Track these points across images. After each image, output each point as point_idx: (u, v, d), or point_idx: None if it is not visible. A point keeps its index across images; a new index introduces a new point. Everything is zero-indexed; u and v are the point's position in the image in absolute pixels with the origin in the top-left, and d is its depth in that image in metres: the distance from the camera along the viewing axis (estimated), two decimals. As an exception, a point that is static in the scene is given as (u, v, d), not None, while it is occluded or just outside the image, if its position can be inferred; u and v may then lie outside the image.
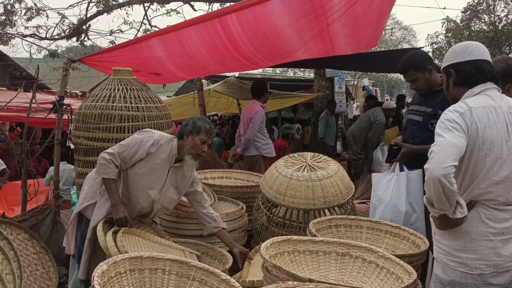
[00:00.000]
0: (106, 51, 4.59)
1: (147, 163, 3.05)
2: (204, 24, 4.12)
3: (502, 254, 2.05)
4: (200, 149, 3.10)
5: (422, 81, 3.45)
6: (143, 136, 3.10)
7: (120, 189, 3.08)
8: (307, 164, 3.41)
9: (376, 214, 3.48)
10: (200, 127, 3.09)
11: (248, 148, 5.81)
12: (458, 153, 1.99)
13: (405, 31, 45.19)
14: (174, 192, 3.19)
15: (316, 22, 4.33)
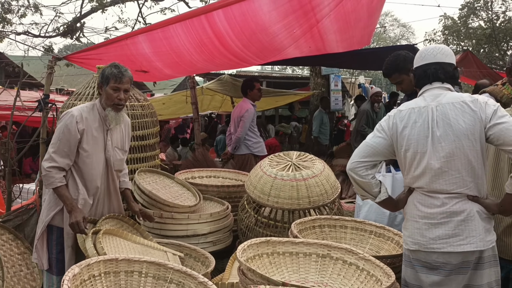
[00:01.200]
0: (92, 48, 4.52)
1: (87, 141, 2.88)
2: (191, 20, 4.07)
3: (426, 235, 2.28)
4: (115, 97, 2.88)
5: (407, 83, 3.41)
6: (64, 120, 2.87)
7: (78, 182, 2.91)
8: (292, 163, 3.35)
9: (361, 215, 3.47)
10: (108, 75, 2.88)
11: (239, 147, 5.76)
12: (370, 151, 2.39)
13: (403, 29, 45.11)
14: (119, 153, 3.06)
15: (305, 18, 4.27)
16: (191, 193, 3.77)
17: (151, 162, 3.89)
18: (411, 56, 3.42)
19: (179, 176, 4.18)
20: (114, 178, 3.07)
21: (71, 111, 2.90)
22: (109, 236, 2.92)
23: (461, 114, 2.22)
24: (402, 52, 3.48)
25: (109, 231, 2.93)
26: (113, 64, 2.96)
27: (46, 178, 2.82)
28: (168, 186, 3.75)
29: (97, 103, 2.99)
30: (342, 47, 5.45)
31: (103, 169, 2.98)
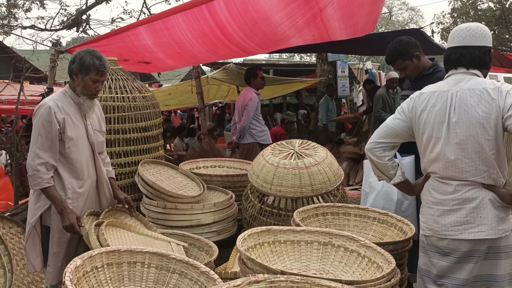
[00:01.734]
0: (94, 40, 4.54)
1: (70, 128, 2.81)
2: (192, 10, 4.05)
3: (439, 221, 2.32)
4: (94, 88, 2.85)
5: (411, 69, 3.37)
6: (40, 113, 2.76)
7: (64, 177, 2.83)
8: (295, 151, 3.34)
9: (368, 202, 3.42)
10: (89, 66, 2.78)
11: (243, 136, 5.76)
12: (388, 132, 2.45)
13: (412, 12, 44.48)
14: (100, 135, 3.03)
15: (307, 6, 4.23)
16: (195, 183, 3.78)
17: (155, 153, 3.90)
18: (414, 42, 3.38)
19: (184, 166, 4.20)
20: (100, 165, 3.01)
21: (44, 103, 2.79)
22: (113, 228, 2.94)
23: (479, 102, 2.18)
24: (405, 38, 3.43)
25: (112, 223, 2.95)
26: (94, 54, 2.85)
27: (33, 178, 2.73)
28: (172, 177, 3.76)
29: (67, 90, 2.90)
30: (346, 34, 5.41)
31: (90, 156, 2.93)
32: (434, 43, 7.48)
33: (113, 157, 3.63)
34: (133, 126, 3.69)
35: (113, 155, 3.63)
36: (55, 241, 2.89)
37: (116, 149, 3.64)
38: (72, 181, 2.85)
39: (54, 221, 2.86)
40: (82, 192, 2.90)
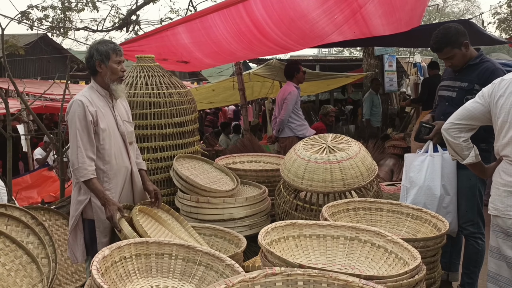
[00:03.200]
0: (134, 40, 4.68)
1: (102, 119, 2.91)
2: (228, 9, 4.09)
3: (504, 202, 2.47)
4: (119, 70, 2.95)
5: (459, 58, 3.22)
6: (73, 109, 2.86)
7: (102, 164, 2.93)
8: (327, 146, 3.30)
9: (408, 198, 3.28)
10: (107, 51, 2.89)
11: (282, 129, 5.75)
12: (466, 115, 2.61)
13: (468, 3, 42.60)
14: (128, 125, 3.12)
15: (346, 3, 4.16)
16: (229, 178, 3.81)
17: (190, 148, 3.97)
18: (462, 29, 3.23)
19: (220, 161, 4.25)
20: (132, 156, 3.09)
21: (76, 99, 2.90)
22: (145, 215, 3.02)
23: None
24: (453, 25, 3.28)
25: (144, 210, 3.02)
26: (104, 41, 2.97)
27: (79, 171, 2.82)
28: (206, 171, 3.82)
29: (94, 85, 3.00)
30: (389, 30, 5.27)
31: (122, 145, 3.02)
32: (486, 34, 7.15)
33: (149, 152, 3.73)
34: (169, 121, 3.78)
35: (149, 150, 3.73)
36: (101, 231, 3.01)
37: (152, 144, 3.74)
38: (108, 172, 2.95)
39: (97, 213, 2.96)
40: (117, 182, 2.99)
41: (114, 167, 2.96)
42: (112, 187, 2.96)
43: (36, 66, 18.49)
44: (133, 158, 3.12)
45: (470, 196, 3.19)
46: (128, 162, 3.05)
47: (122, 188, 3.04)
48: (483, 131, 3.10)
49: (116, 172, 2.97)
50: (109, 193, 2.92)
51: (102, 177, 2.93)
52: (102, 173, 2.93)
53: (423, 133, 3.33)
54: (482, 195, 3.23)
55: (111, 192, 2.94)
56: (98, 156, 2.92)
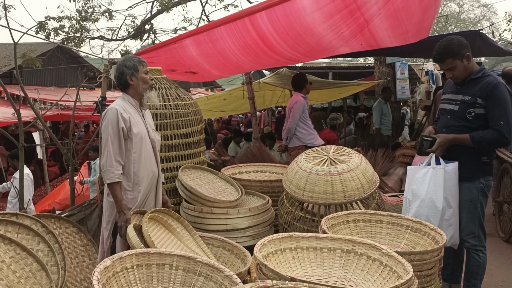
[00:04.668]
0: (144, 52, 4.77)
1: (134, 125, 3.14)
2: (235, 23, 4.15)
3: None
4: (149, 79, 3.24)
5: (460, 69, 3.24)
6: (107, 117, 3.11)
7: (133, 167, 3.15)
8: (329, 157, 3.34)
9: (411, 210, 3.28)
10: (135, 65, 3.19)
11: (291, 138, 5.81)
12: None
13: (484, 9, 42.19)
14: (156, 134, 3.37)
15: (352, 18, 4.18)
16: (234, 188, 3.87)
17: (196, 158, 4.05)
18: (465, 42, 3.26)
19: (226, 171, 4.31)
20: (159, 162, 3.32)
21: (111, 108, 3.16)
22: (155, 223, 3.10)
23: None
24: (456, 37, 3.31)
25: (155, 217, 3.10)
26: (129, 57, 3.29)
27: (107, 173, 3.06)
28: (212, 182, 3.88)
29: (125, 97, 3.26)
30: (397, 42, 5.29)
31: (151, 152, 3.25)
32: (496, 45, 7.12)
33: (156, 162, 3.81)
34: (175, 132, 3.86)
35: (156, 161, 3.81)
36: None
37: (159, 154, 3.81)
38: (138, 174, 3.16)
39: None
40: (145, 185, 3.20)
41: (144, 170, 3.18)
42: (142, 189, 3.19)
43: (53, 74, 18.85)
44: (160, 165, 3.34)
45: (471, 209, 3.20)
46: (156, 168, 3.28)
47: (148, 191, 3.24)
48: (486, 145, 3.12)
49: (145, 175, 3.19)
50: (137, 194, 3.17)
51: (133, 179, 3.16)
52: (133, 175, 3.16)
53: (425, 146, 3.34)
54: (484, 207, 3.23)
55: (140, 193, 3.18)
56: (130, 159, 3.14)
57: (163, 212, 3.25)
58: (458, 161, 3.21)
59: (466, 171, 3.18)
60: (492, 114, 3.10)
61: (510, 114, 3.08)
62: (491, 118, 3.11)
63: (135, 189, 3.16)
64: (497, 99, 3.09)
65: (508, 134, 3.06)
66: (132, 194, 3.16)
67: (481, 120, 3.15)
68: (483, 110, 3.14)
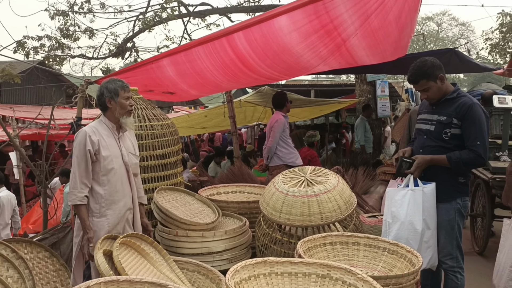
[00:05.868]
0: (120, 72, 4.72)
1: (104, 148, 3.10)
2: (212, 43, 4.14)
3: None
4: (128, 105, 3.20)
5: (434, 90, 3.27)
6: (78, 138, 3.11)
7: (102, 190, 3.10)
8: (306, 178, 3.30)
9: (391, 233, 3.25)
10: (116, 89, 3.16)
11: (271, 158, 5.77)
12: None
13: (462, 27, 43.18)
14: (133, 157, 3.32)
15: (329, 37, 4.20)
16: (211, 210, 3.80)
17: (173, 180, 3.98)
18: (438, 63, 3.28)
19: (204, 192, 4.24)
20: (134, 185, 3.26)
21: (82, 129, 3.14)
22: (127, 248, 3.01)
23: None
24: (429, 58, 3.33)
25: (127, 242, 3.01)
26: (113, 79, 3.23)
27: (70, 195, 3.05)
28: (188, 204, 3.81)
29: (102, 119, 3.24)
30: (375, 60, 5.33)
31: (125, 175, 3.19)
32: (472, 61, 7.23)
33: (131, 184, 3.73)
34: (151, 153, 3.80)
35: (131, 183, 3.73)
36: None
37: (134, 176, 3.74)
38: (108, 198, 3.11)
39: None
40: (115, 208, 3.13)
41: (113, 194, 3.12)
42: (110, 212, 3.11)
43: (32, 92, 18.64)
44: (135, 189, 3.28)
45: (449, 230, 3.18)
46: (129, 191, 3.21)
47: (120, 216, 3.16)
48: (463, 165, 3.12)
49: (115, 199, 3.13)
50: (104, 218, 3.09)
51: (100, 202, 3.10)
52: (101, 198, 3.10)
53: (404, 167, 3.33)
54: (461, 228, 3.22)
55: (107, 217, 3.10)
56: (98, 182, 3.09)
57: (136, 237, 3.16)
58: (435, 182, 3.21)
59: (443, 191, 3.17)
60: (468, 135, 3.11)
61: (485, 134, 3.10)
62: (467, 139, 3.11)
63: (103, 212, 3.11)
64: (472, 119, 3.10)
65: (484, 155, 3.07)
66: (99, 218, 3.11)
67: (457, 140, 3.16)
68: (459, 130, 3.15)
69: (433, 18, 44.34)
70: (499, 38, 17.17)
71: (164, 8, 12.24)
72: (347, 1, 3.59)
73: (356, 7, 3.66)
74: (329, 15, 3.71)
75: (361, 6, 3.66)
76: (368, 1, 3.63)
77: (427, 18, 44.14)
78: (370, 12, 3.74)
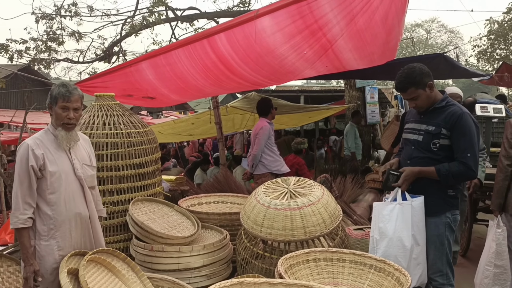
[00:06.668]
0: (97, 76, 4.53)
1: (51, 162, 2.73)
2: (193, 45, 3.97)
3: None
4: (65, 117, 2.75)
5: (423, 98, 3.09)
6: (20, 152, 2.74)
7: (49, 210, 2.74)
8: (289, 190, 3.13)
9: (378, 251, 3.05)
10: (56, 96, 2.75)
11: (256, 166, 5.60)
12: None
13: (451, 34, 43.50)
14: (88, 169, 2.94)
15: (314, 38, 4.06)
16: (190, 222, 3.62)
17: (151, 190, 3.78)
18: (427, 70, 3.11)
19: (184, 203, 4.06)
20: (91, 201, 2.92)
21: (24, 142, 2.78)
22: (96, 265, 2.82)
23: None
24: (418, 65, 3.16)
25: (96, 259, 2.82)
26: (61, 84, 2.83)
27: (11, 217, 2.69)
28: (166, 215, 3.62)
29: (49, 128, 2.87)
30: (363, 64, 5.18)
31: (78, 191, 2.85)
32: (461, 67, 7.13)
33: (105, 195, 3.54)
34: (127, 163, 3.60)
35: (105, 193, 3.54)
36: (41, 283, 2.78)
37: (109, 186, 3.55)
38: (57, 218, 2.76)
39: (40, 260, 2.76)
40: (66, 229, 2.80)
41: (63, 213, 2.78)
42: (59, 234, 2.77)
43: (18, 96, 18.32)
44: (92, 204, 2.94)
45: (438, 245, 3.02)
46: (83, 208, 2.87)
47: (75, 235, 2.84)
48: (452, 178, 2.96)
49: (65, 219, 2.78)
50: (54, 241, 2.75)
51: (48, 224, 2.75)
52: (49, 219, 2.75)
53: (391, 180, 3.16)
54: (451, 243, 3.06)
55: (57, 240, 2.76)
56: (45, 201, 2.74)
57: (106, 253, 2.97)
58: (424, 195, 3.04)
59: (432, 205, 3.01)
60: (457, 146, 2.95)
61: (476, 146, 2.94)
62: (457, 150, 2.95)
63: (52, 235, 2.74)
64: (462, 130, 2.94)
65: (474, 167, 2.91)
66: (47, 241, 2.73)
67: (446, 152, 3.00)
68: (448, 141, 2.99)
69: (422, 25, 44.66)
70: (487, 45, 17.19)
71: (152, 12, 12.08)
72: (332, 1, 3.44)
73: (341, 6, 3.52)
74: (313, 15, 3.57)
75: (346, 5, 3.52)
76: (353, 0, 3.49)
77: (416, 25, 44.46)
78: (356, 11, 3.60)
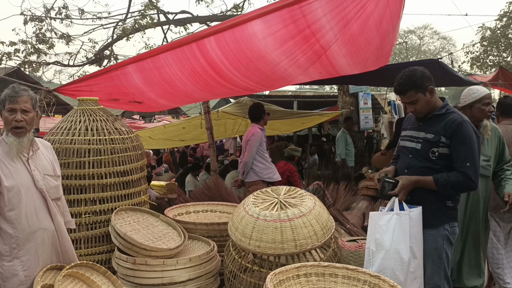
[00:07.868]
0: (82, 79, 4.37)
1: (6, 177, 2.52)
2: (181, 49, 3.83)
3: None
4: (12, 120, 2.54)
5: (422, 103, 2.95)
6: None
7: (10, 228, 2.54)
8: (279, 200, 2.98)
9: (374, 263, 2.89)
10: (3, 98, 2.54)
11: (247, 173, 5.45)
12: None
13: (444, 41, 43.67)
14: (51, 179, 2.73)
15: (307, 44, 3.93)
16: (176, 233, 3.46)
17: (135, 199, 3.62)
18: (428, 74, 2.97)
19: (171, 212, 3.90)
20: (56, 213, 2.71)
21: None
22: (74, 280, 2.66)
23: None
24: (419, 68, 3.02)
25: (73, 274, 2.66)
26: (10, 86, 2.62)
27: None
28: (151, 226, 3.46)
29: (4, 137, 2.64)
30: (357, 69, 5.08)
31: (41, 204, 2.64)
32: (456, 74, 7.03)
33: (87, 204, 3.37)
34: (110, 170, 3.44)
35: (87, 202, 3.37)
36: None
37: (91, 195, 3.38)
38: (19, 236, 2.55)
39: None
40: (31, 247, 2.60)
41: (26, 230, 2.57)
42: (23, 253, 2.58)
43: (7, 99, 18.03)
44: (58, 217, 2.74)
45: (436, 259, 2.88)
46: (48, 223, 2.67)
47: (42, 252, 2.65)
48: (451, 188, 2.83)
49: (28, 237, 2.58)
50: (18, 261, 2.55)
51: (10, 243, 2.54)
52: (10, 237, 2.54)
53: (387, 189, 3.01)
54: (449, 257, 2.92)
55: (20, 260, 2.56)
56: (5, 219, 2.53)
57: (85, 266, 2.80)
58: (421, 206, 2.90)
59: (430, 216, 2.87)
60: (457, 155, 2.82)
61: (476, 155, 2.81)
62: (456, 159, 2.82)
63: (15, 254, 2.54)
64: (462, 138, 2.81)
65: (474, 177, 2.78)
66: (10, 261, 2.53)
67: (445, 161, 2.86)
68: (447, 150, 2.85)
69: (415, 32, 44.82)
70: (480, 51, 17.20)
71: (144, 16, 11.94)
72: (325, 5, 3.31)
73: (335, 11, 3.39)
74: (306, 19, 3.44)
75: (340, 10, 3.39)
76: (347, 5, 3.37)
77: (409, 32, 44.61)
78: (350, 17, 3.48)
